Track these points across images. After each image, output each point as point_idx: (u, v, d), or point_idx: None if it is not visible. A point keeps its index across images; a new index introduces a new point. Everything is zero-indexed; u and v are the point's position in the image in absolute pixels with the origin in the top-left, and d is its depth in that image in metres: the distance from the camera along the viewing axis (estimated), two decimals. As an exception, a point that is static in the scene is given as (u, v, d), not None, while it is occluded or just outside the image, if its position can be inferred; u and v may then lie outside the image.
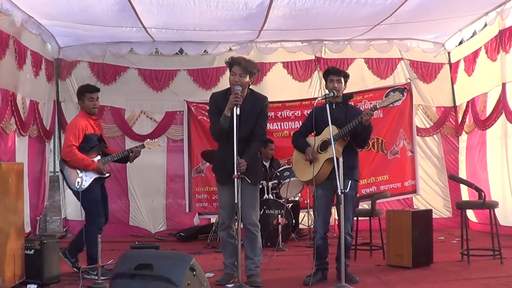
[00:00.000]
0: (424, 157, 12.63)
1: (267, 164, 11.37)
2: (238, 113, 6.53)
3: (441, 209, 12.37)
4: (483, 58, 10.88)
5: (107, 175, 8.05)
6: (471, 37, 11.37)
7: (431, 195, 12.53)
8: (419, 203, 12.31)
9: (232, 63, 6.92)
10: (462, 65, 11.95)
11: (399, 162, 12.37)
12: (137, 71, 12.53)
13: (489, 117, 10.59)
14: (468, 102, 11.74)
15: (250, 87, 7.09)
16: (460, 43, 11.95)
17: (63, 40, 11.60)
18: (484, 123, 10.83)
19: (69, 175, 7.79)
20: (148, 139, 8.94)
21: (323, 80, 7.66)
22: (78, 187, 7.72)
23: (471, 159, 11.77)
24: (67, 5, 9.11)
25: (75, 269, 7.81)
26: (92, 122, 8.02)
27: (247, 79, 6.85)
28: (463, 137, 12.19)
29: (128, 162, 8.52)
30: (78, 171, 7.77)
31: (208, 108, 11.93)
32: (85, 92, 8.00)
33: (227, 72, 12.06)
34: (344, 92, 7.30)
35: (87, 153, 7.83)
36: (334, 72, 7.25)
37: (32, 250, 7.00)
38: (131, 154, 8.21)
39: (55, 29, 10.82)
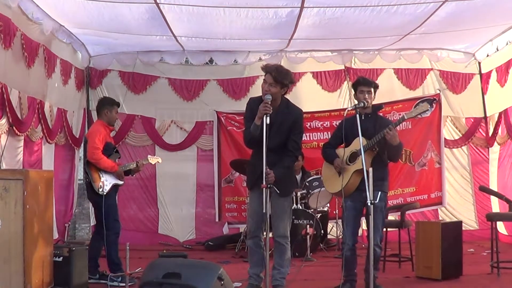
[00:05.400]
0: (451, 169, 12.50)
1: (298, 177, 11.28)
2: (268, 122, 6.41)
3: (467, 221, 12.12)
4: (516, 68, 10.73)
5: (121, 182, 8.28)
6: (504, 47, 11.23)
7: (457, 207, 12.41)
8: (444, 215, 12.20)
9: (265, 70, 6.84)
10: (494, 75, 11.79)
11: (426, 173, 12.26)
12: (167, 81, 12.56)
13: (522, 128, 10.42)
14: (500, 113, 11.59)
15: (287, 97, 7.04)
16: (492, 53, 11.82)
17: (94, 49, 11.65)
18: (517, 134, 10.70)
19: (94, 180, 7.96)
20: (149, 155, 9.21)
21: (352, 90, 7.61)
22: (101, 191, 7.89)
23: (502, 170, 11.64)
24: (98, 13, 9.15)
25: (102, 281, 7.87)
26: (109, 132, 8.43)
27: (278, 89, 6.72)
28: (495, 148, 12.04)
29: (130, 175, 8.75)
30: (101, 175, 7.98)
31: (237, 118, 12.05)
32: (114, 104, 8.44)
33: (257, 82, 12.19)
34: (373, 102, 7.26)
35: None
36: (365, 83, 7.18)
37: (61, 257, 7.08)
38: (135, 167, 8.49)
39: (86, 38, 10.88)
